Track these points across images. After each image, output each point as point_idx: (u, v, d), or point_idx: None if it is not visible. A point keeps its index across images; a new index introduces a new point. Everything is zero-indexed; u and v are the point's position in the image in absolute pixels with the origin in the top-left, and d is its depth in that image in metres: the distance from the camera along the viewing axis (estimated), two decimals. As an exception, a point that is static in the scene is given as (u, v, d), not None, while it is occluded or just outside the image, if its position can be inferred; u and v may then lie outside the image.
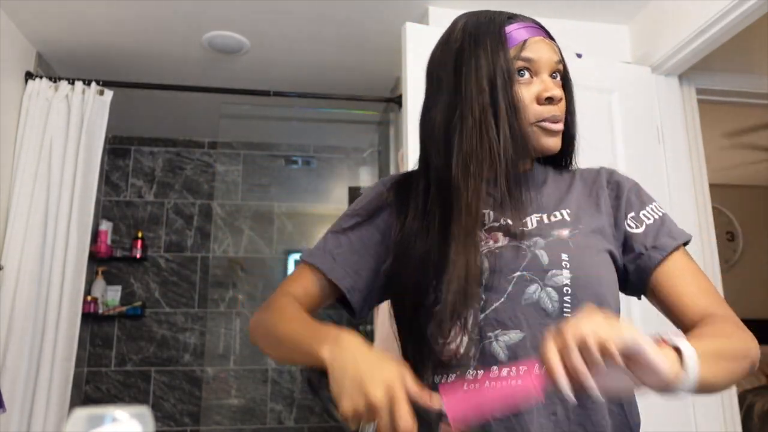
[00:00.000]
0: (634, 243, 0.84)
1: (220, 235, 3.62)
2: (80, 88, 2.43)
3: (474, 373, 0.76)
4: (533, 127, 0.82)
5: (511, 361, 0.75)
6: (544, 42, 0.85)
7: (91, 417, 0.36)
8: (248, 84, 2.82)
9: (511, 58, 0.81)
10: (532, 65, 0.83)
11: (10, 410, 2.06)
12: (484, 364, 0.76)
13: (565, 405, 0.74)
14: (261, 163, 3.79)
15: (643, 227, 0.85)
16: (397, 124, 2.70)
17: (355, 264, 0.88)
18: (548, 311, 0.76)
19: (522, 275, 0.77)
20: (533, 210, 0.85)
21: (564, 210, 0.85)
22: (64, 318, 2.25)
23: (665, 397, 0.65)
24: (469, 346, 0.77)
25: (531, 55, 0.82)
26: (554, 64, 0.84)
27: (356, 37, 2.49)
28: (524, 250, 0.79)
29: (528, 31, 0.84)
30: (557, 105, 0.83)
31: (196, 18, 2.35)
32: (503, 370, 0.75)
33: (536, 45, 0.83)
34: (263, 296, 3.61)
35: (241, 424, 3.46)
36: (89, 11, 2.29)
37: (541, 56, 0.83)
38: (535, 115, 0.82)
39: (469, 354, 0.77)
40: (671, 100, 2.25)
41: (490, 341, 0.76)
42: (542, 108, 0.82)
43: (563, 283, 0.77)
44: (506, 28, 0.84)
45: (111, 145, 3.62)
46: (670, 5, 2.13)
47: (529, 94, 0.82)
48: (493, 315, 0.77)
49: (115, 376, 3.38)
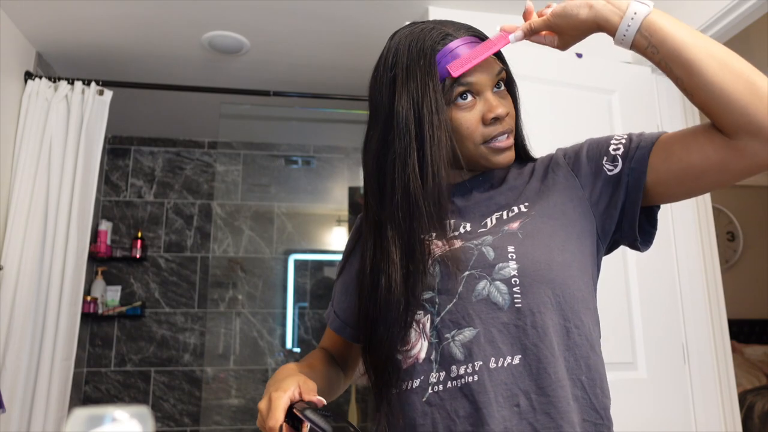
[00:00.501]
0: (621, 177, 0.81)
1: (220, 235, 3.62)
2: (80, 88, 2.43)
3: (437, 375, 0.78)
4: (482, 147, 0.82)
5: (467, 358, 0.76)
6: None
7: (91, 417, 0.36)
8: (248, 84, 2.82)
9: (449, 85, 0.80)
10: (473, 87, 0.81)
11: (10, 410, 2.06)
12: (444, 365, 0.77)
13: (528, 395, 0.74)
14: (261, 163, 3.80)
15: (619, 162, 0.81)
16: (397, 124, 2.70)
17: (348, 307, 0.97)
18: (499, 305, 0.77)
19: (471, 273, 0.78)
20: (493, 209, 0.85)
21: (522, 204, 0.85)
22: (64, 318, 2.25)
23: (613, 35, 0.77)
24: (430, 350, 0.78)
25: (470, 78, 0.80)
26: (495, 77, 0.82)
27: (356, 37, 2.49)
28: (472, 249, 0.80)
29: (463, 51, 0.80)
30: (505, 120, 0.82)
31: (196, 18, 2.35)
32: (461, 368, 0.76)
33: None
34: (263, 296, 3.61)
35: (241, 424, 3.46)
36: (89, 11, 2.29)
37: (480, 77, 0.81)
38: (483, 136, 0.82)
39: (431, 357, 0.78)
40: (671, 100, 2.25)
41: (447, 342, 0.78)
42: (489, 129, 0.81)
43: (511, 275, 0.77)
44: (438, 54, 0.81)
45: (111, 145, 3.62)
46: (670, 5, 2.13)
47: (473, 116, 0.81)
48: (447, 316, 0.78)
49: (115, 377, 3.38)
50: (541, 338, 0.76)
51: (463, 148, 0.83)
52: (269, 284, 3.64)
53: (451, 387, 0.76)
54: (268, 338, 3.57)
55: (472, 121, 0.81)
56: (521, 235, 0.80)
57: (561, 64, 2.07)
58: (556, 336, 0.77)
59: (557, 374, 0.75)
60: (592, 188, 0.84)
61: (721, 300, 2.16)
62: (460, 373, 0.76)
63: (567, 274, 0.79)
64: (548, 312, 0.77)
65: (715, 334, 2.11)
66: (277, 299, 3.64)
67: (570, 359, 0.77)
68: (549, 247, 0.79)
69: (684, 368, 2.01)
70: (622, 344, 1.92)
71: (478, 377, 0.75)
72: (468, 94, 0.81)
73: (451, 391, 0.76)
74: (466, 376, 0.76)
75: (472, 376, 0.75)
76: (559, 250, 0.79)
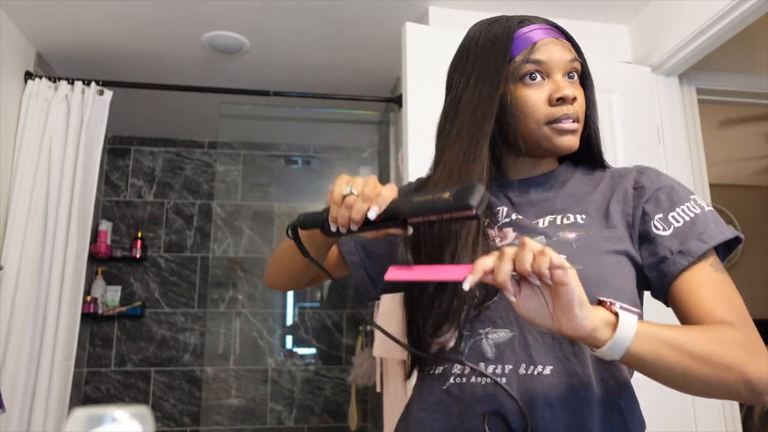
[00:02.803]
0: (658, 247, 0.78)
1: (220, 235, 3.62)
2: (80, 88, 2.43)
3: (461, 367, 0.77)
4: (546, 128, 0.81)
5: (497, 359, 0.75)
6: (555, 42, 0.83)
7: (91, 417, 0.36)
8: (248, 84, 2.82)
9: (520, 62, 0.81)
10: (543, 67, 0.81)
11: (10, 410, 2.06)
12: (471, 359, 0.77)
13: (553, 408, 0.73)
14: (261, 163, 3.79)
15: (671, 230, 0.78)
16: (397, 124, 2.70)
17: (367, 245, 0.94)
18: None
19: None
20: (548, 210, 0.84)
21: (580, 214, 0.83)
22: (64, 318, 2.25)
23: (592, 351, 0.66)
24: (459, 342, 0.78)
25: (540, 57, 0.81)
26: (567, 63, 0.82)
27: (356, 37, 2.49)
28: None
29: (538, 33, 0.82)
30: (572, 104, 0.81)
31: (196, 18, 2.35)
32: (489, 368, 0.75)
33: (546, 46, 0.82)
34: (263, 296, 3.61)
35: (241, 424, 3.46)
36: (89, 11, 2.29)
37: (552, 57, 0.81)
38: (547, 116, 0.80)
39: (458, 349, 0.78)
40: (671, 100, 2.25)
41: (480, 338, 0.77)
42: (554, 108, 0.80)
43: None
44: (516, 33, 0.82)
45: (111, 145, 3.62)
46: (670, 5, 2.13)
47: (540, 96, 0.81)
48: (486, 312, 0.77)
49: (115, 377, 3.38)
50: (577, 354, 0.75)
51: (526, 127, 0.82)
52: (269, 284, 3.64)
53: (474, 382, 0.75)
54: (268, 338, 3.56)
55: (537, 100, 0.81)
56: (575, 246, 0.78)
57: (561, 64, 2.07)
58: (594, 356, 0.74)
59: (588, 392, 0.74)
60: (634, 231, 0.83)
61: (721, 300, 2.16)
62: (487, 371, 0.75)
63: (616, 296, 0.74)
64: None
65: (715, 334, 2.11)
66: (277, 299, 3.64)
67: (609, 380, 0.76)
68: (602, 266, 0.77)
69: (684, 368, 2.01)
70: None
71: (505, 380, 0.74)
72: (537, 74, 0.81)
73: (473, 386, 0.75)
74: (493, 376, 0.75)
75: (499, 378, 0.74)
76: (611, 271, 0.77)
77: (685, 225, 0.78)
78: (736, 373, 0.68)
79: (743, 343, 0.70)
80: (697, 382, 0.68)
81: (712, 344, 0.69)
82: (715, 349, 0.68)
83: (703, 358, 0.67)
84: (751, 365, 0.68)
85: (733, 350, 0.69)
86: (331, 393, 3.56)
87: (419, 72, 1.90)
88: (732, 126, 3.67)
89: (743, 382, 0.68)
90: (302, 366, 3.61)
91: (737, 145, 4.03)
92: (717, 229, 0.78)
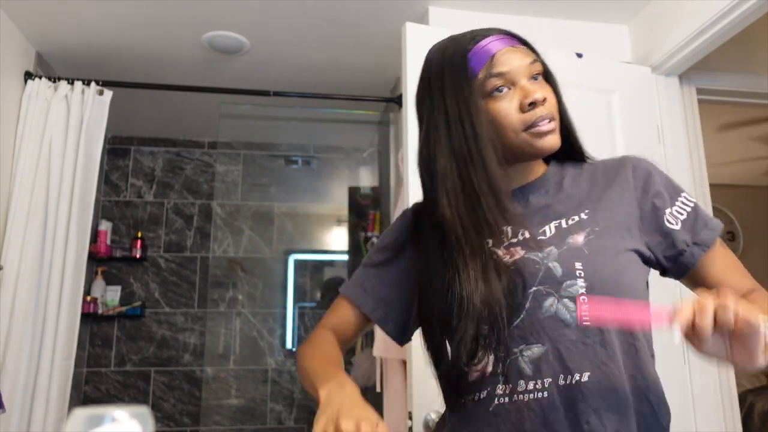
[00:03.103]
0: (675, 240, 0.85)
1: (220, 235, 3.62)
2: (80, 88, 2.43)
3: (503, 388, 0.78)
4: (525, 135, 0.82)
5: (536, 374, 0.77)
6: (512, 51, 0.84)
7: (91, 417, 0.36)
8: (248, 84, 2.82)
9: (483, 78, 0.82)
10: (506, 78, 0.82)
11: (10, 410, 2.06)
12: (511, 379, 0.78)
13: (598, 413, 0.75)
14: (261, 163, 3.79)
15: (679, 224, 0.86)
16: (397, 124, 2.70)
17: (386, 296, 0.95)
18: (567, 322, 0.77)
19: (538, 290, 0.79)
20: (551, 216, 0.86)
21: (583, 212, 0.85)
22: (64, 318, 2.25)
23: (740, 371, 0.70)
24: (497, 365, 0.79)
25: (501, 69, 0.82)
26: (528, 67, 0.83)
27: (356, 37, 2.49)
28: (538, 263, 0.80)
29: (495, 45, 0.83)
30: (543, 105, 0.82)
31: (196, 18, 2.35)
32: (529, 384, 0.77)
33: (504, 56, 0.83)
34: (263, 296, 3.61)
35: (241, 424, 3.46)
36: (89, 11, 2.28)
37: (513, 66, 0.82)
38: (523, 123, 0.82)
39: (497, 371, 0.79)
40: (671, 100, 2.24)
41: (515, 357, 0.78)
42: (527, 114, 0.82)
43: (579, 292, 0.78)
44: (470, 53, 0.83)
45: (111, 145, 3.62)
46: (670, 5, 2.13)
47: (511, 105, 0.82)
48: (515, 331, 0.78)
49: (115, 377, 3.38)
50: (610, 356, 0.77)
51: (506, 139, 0.83)
52: (269, 284, 3.64)
53: (517, 400, 0.77)
54: (268, 338, 3.56)
55: (509, 110, 0.82)
56: (587, 250, 0.80)
57: (561, 64, 2.07)
58: (623, 354, 0.78)
59: (626, 392, 0.77)
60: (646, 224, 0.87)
61: (721, 300, 2.16)
62: (528, 388, 0.77)
63: (630, 293, 0.80)
64: (615, 330, 0.78)
65: (715, 334, 2.11)
66: (277, 299, 3.64)
67: (638, 377, 0.79)
68: (616, 266, 0.80)
69: (684, 368, 2.01)
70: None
71: (547, 394, 0.76)
72: (503, 87, 0.82)
73: (517, 404, 0.77)
74: (535, 391, 0.76)
75: (541, 392, 0.76)
76: (624, 269, 0.81)
77: (689, 217, 0.86)
78: None
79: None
80: None
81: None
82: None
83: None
84: None
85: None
86: (331, 393, 3.56)
87: (419, 72, 1.89)
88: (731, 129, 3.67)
89: None
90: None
91: (737, 149, 4.03)
92: (712, 219, 0.88)
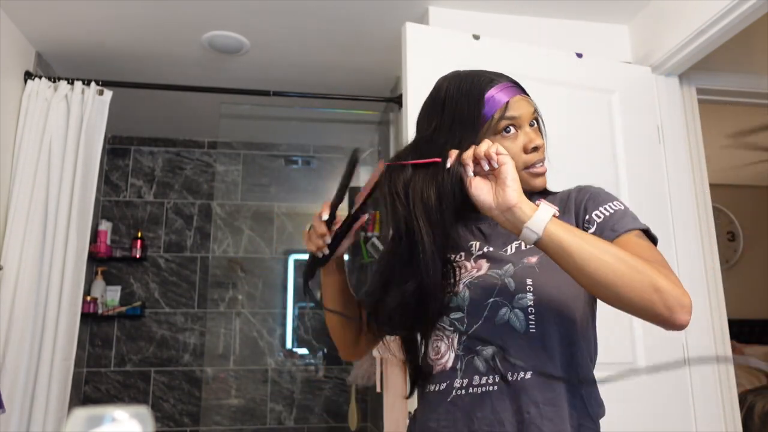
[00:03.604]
0: (590, 229, 0.93)
1: (220, 235, 3.62)
2: (80, 88, 2.43)
3: (461, 381, 0.93)
4: (524, 173, 0.96)
5: (488, 371, 0.91)
6: (522, 100, 0.98)
7: (91, 417, 0.36)
8: (248, 84, 2.82)
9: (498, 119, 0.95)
10: (516, 121, 0.96)
11: (10, 410, 2.06)
12: (468, 374, 0.92)
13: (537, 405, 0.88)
14: (261, 163, 3.79)
15: (601, 218, 0.93)
16: (397, 124, 2.70)
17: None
18: (516, 328, 0.91)
19: (495, 301, 0.93)
20: (513, 239, 0.98)
21: None
22: (64, 318, 2.25)
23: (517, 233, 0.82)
24: (456, 361, 0.94)
25: (514, 113, 0.96)
26: (531, 115, 0.99)
27: (356, 37, 2.49)
28: (496, 278, 0.94)
29: (507, 93, 0.97)
30: (540, 151, 0.98)
31: (196, 18, 2.35)
32: (482, 379, 0.91)
33: (517, 104, 0.97)
34: (263, 296, 3.61)
35: (241, 424, 3.46)
36: (89, 11, 2.29)
37: (522, 113, 0.97)
38: (524, 163, 0.97)
39: (456, 367, 0.94)
40: (671, 100, 2.24)
41: (473, 356, 0.93)
42: (529, 156, 0.97)
43: (528, 305, 0.92)
44: (487, 94, 0.97)
45: (111, 145, 3.62)
46: (670, 5, 2.13)
47: (516, 146, 0.96)
48: (474, 334, 0.93)
49: (115, 377, 3.38)
50: (550, 359, 0.90)
51: None
52: (269, 284, 3.64)
53: (472, 392, 0.91)
54: (268, 338, 3.57)
55: (515, 150, 0.96)
56: (538, 269, 0.93)
57: (561, 64, 2.07)
58: (562, 357, 0.91)
59: (562, 389, 0.90)
60: None
61: (722, 300, 2.16)
62: (481, 382, 0.91)
63: (574, 306, 0.94)
64: (556, 337, 0.91)
65: (716, 334, 2.11)
66: (277, 299, 3.64)
67: (573, 377, 0.92)
68: (559, 283, 0.92)
69: (684, 369, 2.01)
70: (622, 344, 1.91)
71: (497, 388, 0.90)
72: (511, 128, 0.97)
73: (472, 395, 0.91)
74: (486, 385, 0.91)
75: (492, 386, 0.90)
76: (568, 284, 0.89)
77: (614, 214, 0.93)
78: (647, 278, 0.78)
79: (657, 268, 0.80)
80: (609, 273, 0.78)
81: (627, 254, 0.81)
82: (626, 255, 0.80)
83: (616, 257, 0.79)
84: (661, 279, 0.78)
85: (646, 264, 0.80)
86: (331, 393, 3.56)
87: (419, 72, 1.89)
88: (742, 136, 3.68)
89: (654, 289, 0.78)
90: (302, 366, 3.61)
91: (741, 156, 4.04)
92: (638, 220, 0.93)
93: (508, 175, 0.81)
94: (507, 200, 0.81)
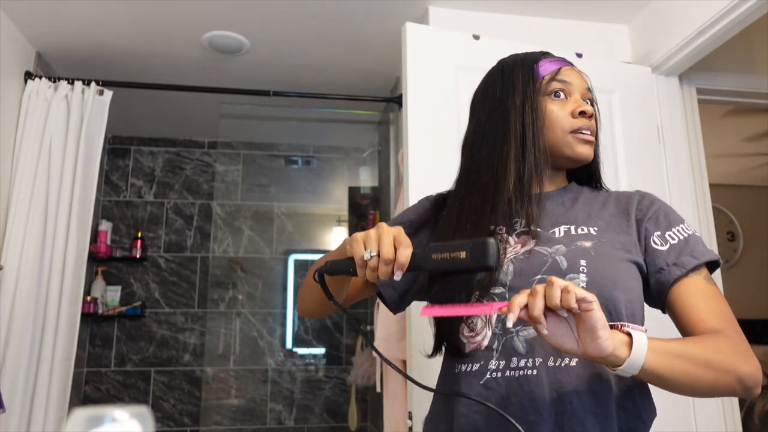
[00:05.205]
0: (656, 259, 0.90)
1: (220, 235, 3.62)
2: (80, 88, 2.43)
3: (497, 363, 0.85)
4: (569, 136, 0.94)
5: (528, 353, 0.83)
6: (575, 70, 0.99)
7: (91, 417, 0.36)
8: (248, 84, 2.82)
9: (548, 80, 0.96)
10: (566, 87, 0.96)
11: (10, 410, 2.06)
12: (505, 355, 0.85)
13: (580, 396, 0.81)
14: (261, 163, 3.79)
15: (667, 246, 0.90)
16: (397, 124, 2.70)
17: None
18: None
19: (542, 278, 0.85)
20: (562, 221, 0.94)
21: (591, 227, 0.93)
22: (64, 318, 2.25)
23: (612, 370, 0.74)
24: (492, 340, 0.86)
25: (564, 77, 0.97)
26: (585, 90, 0.98)
27: (356, 37, 2.49)
28: (546, 255, 0.88)
29: (559, 63, 0.99)
30: (589, 120, 0.95)
31: (196, 18, 2.35)
32: (521, 362, 0.83)
33: (568, 71, 0.98)
34: (263, 296, 3.61)
35: (241, 424, 3.46)
36: (89, 11, 2.29)
37: (573, 80, 0.97)
38: (571, 126, 0.94)
39: (492, 347, 0.86)
40: (671, 100, 2.24)
41: (511, 336, 0.85)
42: (577, 120, 0.94)
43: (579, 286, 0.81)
44: (540, 61, 0.98)
45: (111, 145, 3.62)
46: (670, 5, 2.13)
47: (564, 109, 0.95)
48: None
49: (115, 377, 3.38)
50: None
51: (551, 135, 0.95)
52: (269, 284, 3.64)
53: (509, 376, 0.83)
54: (268, 338, 3.57)
55: (562, 112, 0.95)
56: (593, 252, 0.88)
57: (561, 64, 2.07)
58: None
59: (609, 382, 0.83)
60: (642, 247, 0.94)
61: (721, 300, 2.16)
62: (519, 365, 0.83)
63: (627, 298, 0.86)
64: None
65: (715, 334, 2.11)
66: (277, 299, 3.64)
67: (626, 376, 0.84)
68: (616, 271, 0.87)
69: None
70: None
71: (537, 372, 0.82)
72: (561, 93, 0.96)
73: (508, 379, 0.83)
74: (525, 369, 0.83)
75: (531, 370, 0.82)
76: (624, 275, 0.87)
77: (679, 243, 0.91)
78: (732, 374, 0.79)
79: (735, 348, 0.82)
80: (702, 385, 0.78)
81: (711, 351, 0.80)
82: (713, 355, 0.79)
83: (705, 364, 0.78)
84: (743, 366, 0.80)
85: (728, 355, 0.80)
86: (331, 393, 3.56)
87: (419, 72, 1.89)
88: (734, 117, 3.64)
89: (737, 381, 0.80)
90: (302, 366, 3.61)
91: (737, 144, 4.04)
92: (705, 249, 0.91)
93: (597, 323, 0.68)
94: (600, 351, 0.69)
